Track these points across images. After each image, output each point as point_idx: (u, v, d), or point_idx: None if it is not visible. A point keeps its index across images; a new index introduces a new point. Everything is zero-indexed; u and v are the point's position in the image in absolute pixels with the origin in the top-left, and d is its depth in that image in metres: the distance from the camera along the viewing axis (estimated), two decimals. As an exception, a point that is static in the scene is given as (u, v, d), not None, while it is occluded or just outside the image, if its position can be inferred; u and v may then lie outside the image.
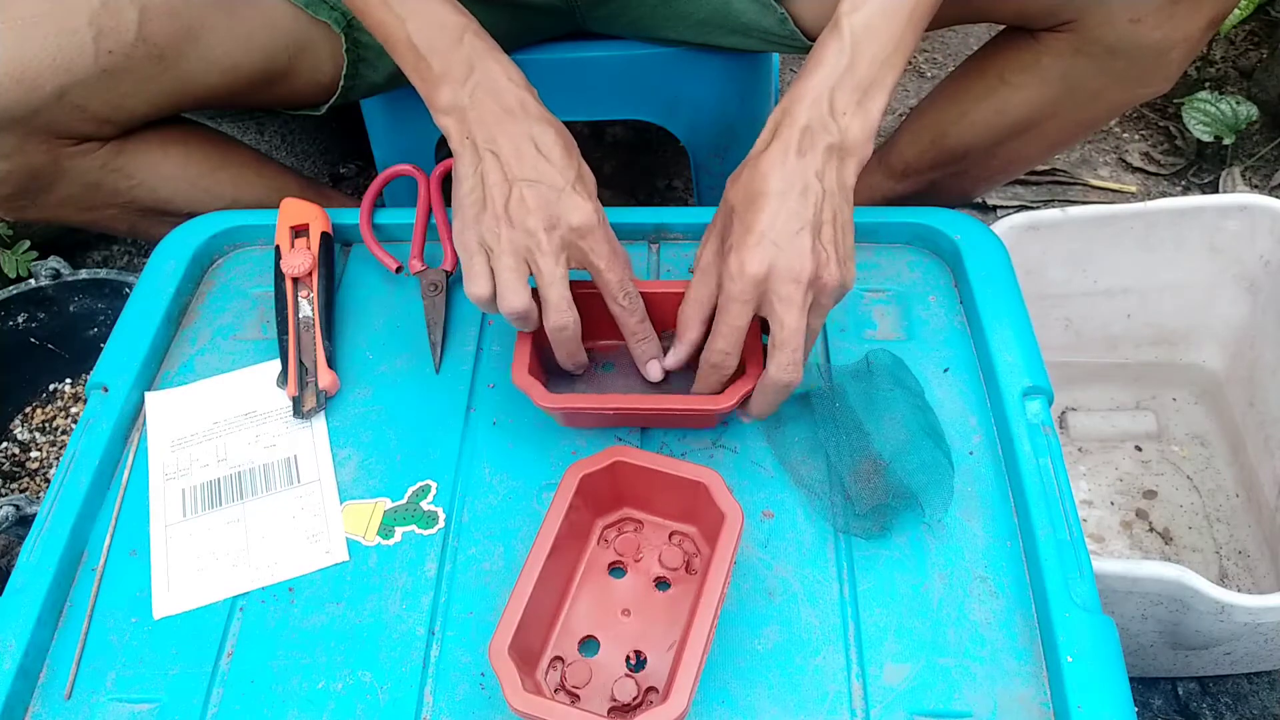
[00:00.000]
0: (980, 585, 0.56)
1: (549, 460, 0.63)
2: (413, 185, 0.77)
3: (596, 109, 0.95)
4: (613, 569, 0.57)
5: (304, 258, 0.70)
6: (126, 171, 0.79)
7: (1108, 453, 1.01)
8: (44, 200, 0.78)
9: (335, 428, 0.66)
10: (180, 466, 0.64)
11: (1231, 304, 0.97)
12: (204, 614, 0.58)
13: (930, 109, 0.91)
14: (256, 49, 0.78)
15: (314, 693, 0.54)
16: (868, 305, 0.70)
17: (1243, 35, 1.46)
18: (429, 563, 0.59)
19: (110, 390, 0.67)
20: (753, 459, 0.62)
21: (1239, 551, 0.94)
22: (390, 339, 0.70)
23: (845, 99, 0.57)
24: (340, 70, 0.82)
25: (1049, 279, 0.95)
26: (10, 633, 0.55)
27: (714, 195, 1.01)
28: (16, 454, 1.06)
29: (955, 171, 0.92)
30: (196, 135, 0.85)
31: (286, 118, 1.26)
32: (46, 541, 0.59)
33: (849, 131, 0.57)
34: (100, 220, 0.84)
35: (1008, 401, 0.62)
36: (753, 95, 0.95)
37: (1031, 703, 0.52)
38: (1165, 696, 0.88)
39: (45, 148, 0.74)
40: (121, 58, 0.72)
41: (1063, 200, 1.30)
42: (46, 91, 0.70)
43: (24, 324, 1.04)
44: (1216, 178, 1.30)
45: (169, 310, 0.71)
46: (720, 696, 0.53)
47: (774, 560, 0.58)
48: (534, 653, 0.52)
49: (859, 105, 0.57)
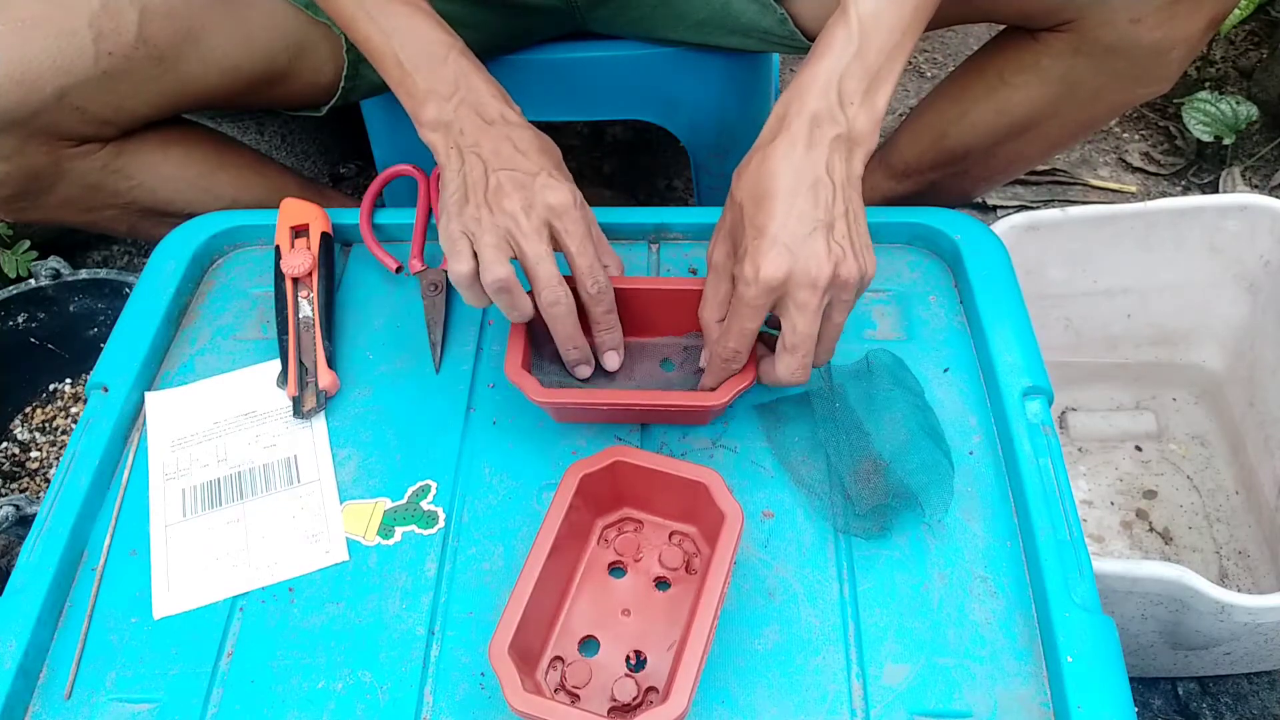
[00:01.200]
0: (980, 585, 0.56)
1: (549, 460, 0.63)
2: (413, 185, 0.77)
3: (596, 109, 0.95)
4: (613, 569, 0.57)
5: (304, 258, 0.70)
6: (126, 172, 0.79)
7: (1108, 453, 1.01)
8: (44, 201, 0.78)
9: (335, 428, 0.66)
10: (180, 466, 0.64)
11: (1231, 304, 0.97)
12: (204, 614, 0.58)
13: (930, 109, 0.91)
14: (257, 50, 0.78)
15: (314, 693, 0.54)
16: (868, 305, 0.70)
17: (1243, 35, 1.46)
18: (429, 563, 0.59)
19: (110, 390, 0.67)
20: (753, 459, 0.62)
21: (1239, 551, 0.94)
22: (390, 339, 0.70)
23: (853, 87, 0.57)
24: (341, 71, 0.82)
25: (1049, 279, 0.95)
26: (10, 633, 0.55)
27: (714, 195, 1.02)
28: (16, 454, 1.06)
29: (956, 172, 0.92)
30: (196, 136, 0.85)
31: (286, 118, 1.26)
32: (46, 541, 0.59)
33: (856, 122, 0.57)
34: (100, 221, 0.84)
35: (1008, 401, 0.62)
36: (753, 95, 0.95)
37: (1031, 703, 0.52)
38: (1165, 696, 0.88)
39: (45, 149, 0.74)
40: (121, 59, 0.72)
41: (1063, 200, 1.30)
42: (46, 93, 0.70)
43: (24, 324, 1.04)
44: (1216, 178, 1.30)
45: (169, 310, 0.71)
46: (720, 696, 0.53)
47: (774, 560, 0.58)
48: (534, 653, 0.52)
49: (866, 95, 0.57)
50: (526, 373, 0.60)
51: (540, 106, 0.94)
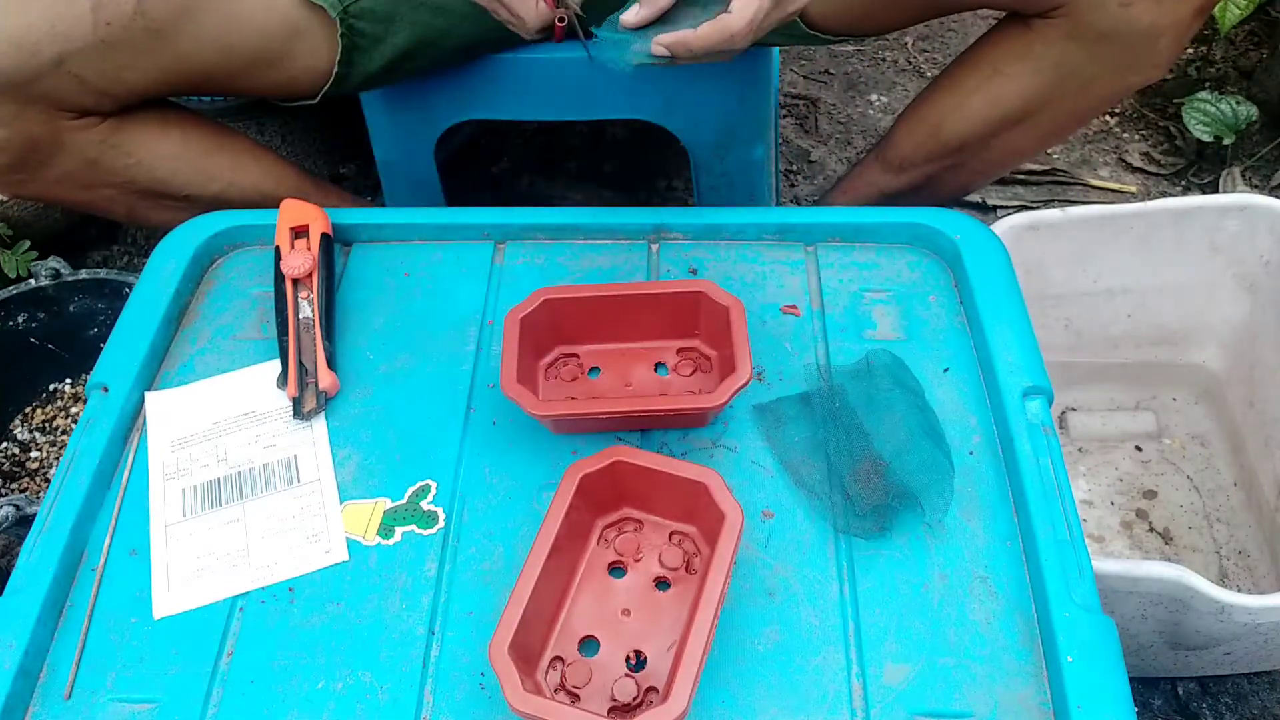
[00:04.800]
0: (980, 585, 0.56)
1: (549, 460, 0.63)
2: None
3: (596, 109, 0.95)
4: (613, 569, 0.57)
5: (304, 259, 0.70)
6: (125, 149, 0.80)
7: (1108, 453, 1.01)
8: (43, 175, 0.79)
9: (335, 427, 0.66)
10: (180, 466, 0.64)
11: (1231, 304, 0.97)
12: (204, 614, 0.58)
13: (926, 102, 0.92)
14: (252, 29, 0.79)
15: (314, 693, 0.54)
16: (868, 305, 0.70)
17: (1243, 35, 1.46)
18: (429, 563, 0.59)
19: (110, 390, 0.67)
20: (753, 459, 0.62)
21: (1239, 551, 0.94)
22: (390, 339, 0.70)
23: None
24: (335, 57, 0.82)
25: (1049, 279, 0.95)
26: (10, 633, 0.55)
27: (714, 195, 1.01)
28: (16, 454, 1.06)
29: (952, 165, 0.93)
30: (195, 119, 0.86)
31: (286, 116, 1.26)
32: (46, 541, 0.59)
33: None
34: (99, 201, 0.84)
35: (1008, 401, 0.62)
36: (752, 95, 0.95)
37: (1031, 703, 0.52)
38: (1165, 696, 0.88)
39: (44, 118, 0.75)
40: (119, 30, 0.73)
41: (1063, 200, 1.30)
42: (45, 58, 0.71)
43: (24, 324, 1.04)
44: (1216, 178, 1.30)
45: (169, 310, 0.71)
46: (720, 696, 0.53)
47: (774, 560, 0.58)
48: (534, 653, 0.52)
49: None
50: (523, 386, 0.61)
51: (540, 106, 0.94)
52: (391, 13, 0.82)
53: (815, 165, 1.38)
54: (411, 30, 0.83)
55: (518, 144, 1.41)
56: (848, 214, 0.77)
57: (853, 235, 0.74)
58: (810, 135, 1.42)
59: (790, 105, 1.47)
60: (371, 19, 0.81)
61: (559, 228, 0.76)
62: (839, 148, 1.40)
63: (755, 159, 0.99)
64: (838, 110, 1.46)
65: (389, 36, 0.83)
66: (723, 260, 0.73)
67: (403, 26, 0.82)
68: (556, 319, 0.65)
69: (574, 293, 0.64)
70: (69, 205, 0.86)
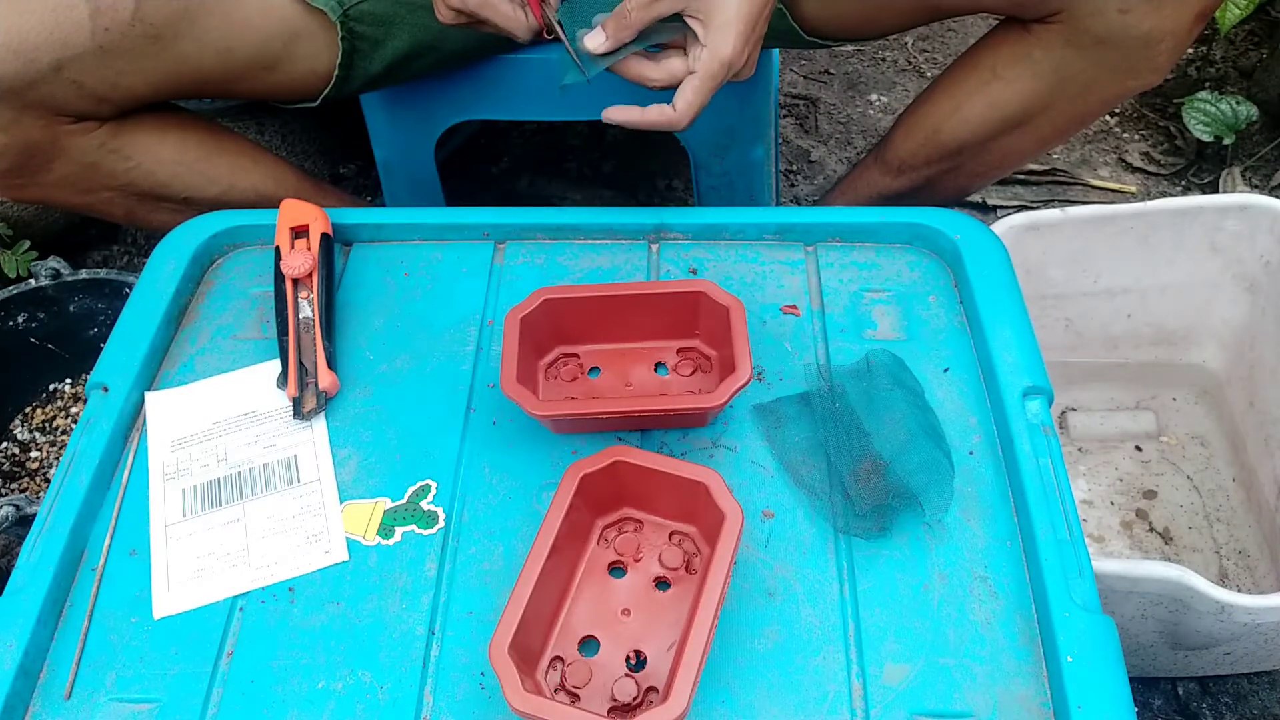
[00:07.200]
0: (980, 585, 0.56)
1: (549, 460, 0.63)
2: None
3: (596, 109, 0.95)
4: (613, 569, 0.57)
5: (304, 259, 0.70)
6: (124, 153, 0.80)
7: (1108, 453, 1.02)
8: (42, 179, 0.79)
9: (335, 427, 0.66)
10: (180, 466, 0.64)
11: (1231, 304, 0.97)
12: (204, 614, 0.58)
13: (925, 104, 0.92)
14: (252, 33, 0.79)
15: (314, 693, 0.54)
16: (868, 305, 0.70)
17: (1243, 35, 1.46)
18: (429, 563, 0.59)
19: (110, 390, 0.67)
20: (753, 459, 0.62)
21: (1239, 551, 0.94)
22: (390, 339, 0.70)
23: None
24: (335, 60, 0.82)
25: (1049, 279, 0.95)
26: (10, 633, 0.55)
27: (714, 195, 1.02)
28: (16, 454, 1.06)
29: (950, 167, 0.93)
30: (193, 121, 0.86)
31: (286, 117, 1.26)
32: (46, 541, 0.59)
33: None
34: (98, 204, 0.84)
35: (1008, 401, 0.62)
36: (752, 95, 0.95)
37: (1031, 703, 0.52)
38: (1165, 696, 0.88)
39: (43, 123, 0.75)
40: (118, 35, 0.73)
41: (1063, 200, 1.30)
42: (43, 64, 0.71)
43: (24, 324, 1.04)
44: (1216, 178, 1.30)
45: (169, 310, 0.71)
46: (720, 696, 0.53)
47: (774, 560, 0.58)
48: (534, 653, 0.52)
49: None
50: (523, 386, 0.61)
51: (540, 106, 0.94)
52: (391, 15, 0.82)
53: (815, 165, 1.38)
54: (412, 33, 0.83)
55: (518, 144, 1.41)
56: (848, 214, 0.77)
57: (853, 235, 0.74)
58: (810, 135, 1.42)
59: (790, 105, 1.47)
60: (371, 22, 0.81)
61: (559, 228, 0.76)
62: (839, 148, 1.40)
63: (755, 159, 0.99)
64: (838, 110, 1.46)
65: (389, 39, 0.83)
66: (723, 260, 0.73)
67: (403, 29, 0.82)
68: (556, 319, 0.65)
69: (574, 293, 0.64)
70: (68, 208, 0.86)
